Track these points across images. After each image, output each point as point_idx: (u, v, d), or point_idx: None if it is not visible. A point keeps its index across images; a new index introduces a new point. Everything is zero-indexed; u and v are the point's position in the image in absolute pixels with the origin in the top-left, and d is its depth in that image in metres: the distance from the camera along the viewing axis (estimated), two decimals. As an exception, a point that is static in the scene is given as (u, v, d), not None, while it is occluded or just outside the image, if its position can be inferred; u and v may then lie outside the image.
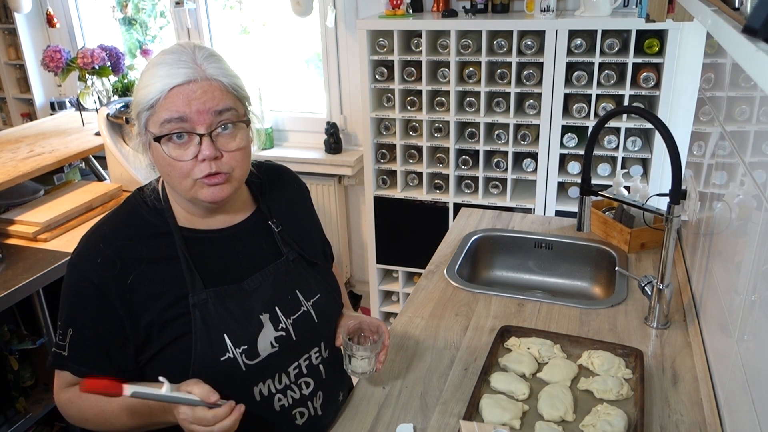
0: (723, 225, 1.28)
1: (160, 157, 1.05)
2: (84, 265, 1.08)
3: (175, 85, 1.00)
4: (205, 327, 1.07)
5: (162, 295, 1.07)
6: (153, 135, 1.03)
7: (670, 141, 1.33)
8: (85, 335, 1.08)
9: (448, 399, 1.27)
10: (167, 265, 1.09)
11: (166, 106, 1.01)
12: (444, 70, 2.65)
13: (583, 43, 2.45)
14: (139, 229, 1.11)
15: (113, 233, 1.10)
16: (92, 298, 1.06)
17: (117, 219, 1.14)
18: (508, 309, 1.59)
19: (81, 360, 1.09)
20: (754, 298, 1.00)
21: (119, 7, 3.67)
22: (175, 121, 1.01)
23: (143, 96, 1.02)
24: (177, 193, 1.10)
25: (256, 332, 1.11)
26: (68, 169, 2.87)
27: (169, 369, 1.05)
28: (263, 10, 3.55)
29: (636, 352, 1.33)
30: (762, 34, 0.59)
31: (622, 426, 1.14)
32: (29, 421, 2.08)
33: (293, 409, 1.17)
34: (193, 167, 1.04)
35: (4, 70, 3.88)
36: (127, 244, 1.08)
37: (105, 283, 1.06)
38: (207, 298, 1.08)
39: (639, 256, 1.82)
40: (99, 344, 1.08)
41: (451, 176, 2.82)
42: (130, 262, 1.07)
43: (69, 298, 1.10)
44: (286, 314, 1.16)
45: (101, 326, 1.07)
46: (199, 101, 1.01)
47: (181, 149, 1.03)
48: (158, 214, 1.12)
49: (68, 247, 2.12)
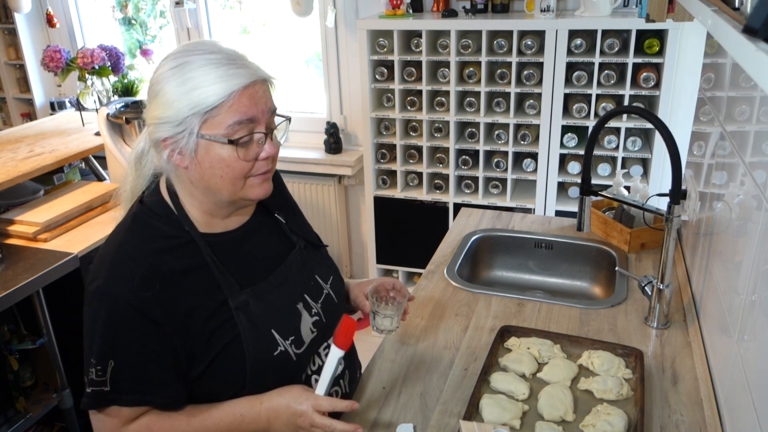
0: (723, 225, 1.28)
1: (217, 160, 1.02)
2: (117, 288, 1.01)
3: (244, 85, 1.00)
4: (252, 327, 1.08)
5: (202, 305, 1.05)
6: (216, 136, 1.00)
7: (670, 141, 1.33)
8: (131, 364, 1.02)
9: (448, 399, 1.27)
10: (199, 273, 1.06)
11: (236, 107, 1.00)
12: (444, 70, 2.65)
13: (583, 43, 2.45)
14: (162, 242, 1.06)
15: (138, 250, 1.05)
16: (134, 322, 1.00)
17: (135, 235, 1.07)
18: (508, 309, 1.59)
19: (131, 389, 1.02)
20: (754, 298, 1.00)
21: (119, 7, 3.67)
22: (245, 123, 1.01)
23: (197, 97, 0.99)
24: (217, 195, 1.07)
25: (298, 321, 1.15)
26: (68, 169, 2.87)
27: (225, 377, 1.07)
28: (263, 10, 3.55)
29: (636, 352, 1.33)
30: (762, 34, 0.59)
31: (622, 426, 1.14)
32: (29, 421, 2.08)
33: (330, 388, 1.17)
34: (252, 166, 1.05)
35: (4, 70, 3.88)
36: (156, 259, 1.04)
37: (145, 303, 1.00)
38: (247, 299, 1.09)
39: (639, 256, 1.82)
40: (149, 368, 1.02)
41: (451, 176, 2.82)
42: (165, 276, 1.03)
43: (103, 328, 1.01)
44: (315, 299, 1.20)
45: (149, 349, 1.02)
46: (261, 101, 1.03)
47: (245, 149, 1.03)
48: (174, 223, 1.08)
49: (68, 247, 2.12)
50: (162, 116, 1.01)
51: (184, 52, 1.04)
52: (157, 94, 1.02)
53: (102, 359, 1.01)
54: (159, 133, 1.03)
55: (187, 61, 1.02)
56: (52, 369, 2.11)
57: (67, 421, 2.19)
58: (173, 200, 1.10)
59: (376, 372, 1.37)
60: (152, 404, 1.04)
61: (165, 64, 1.05)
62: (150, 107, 1.04)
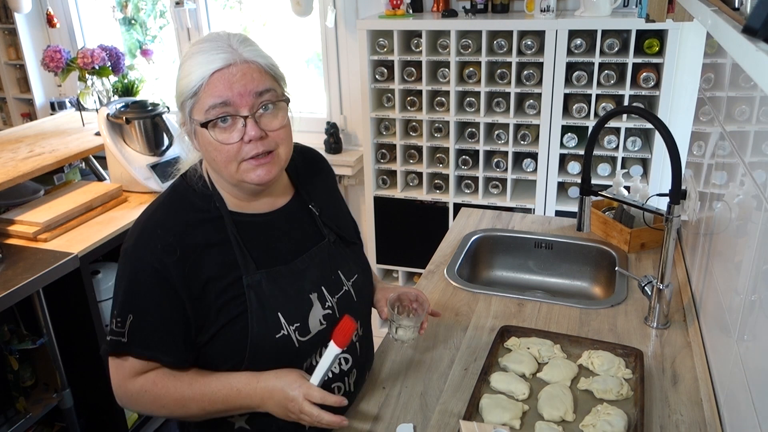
0: (723, 225, 1.28)
1: (206, 143, 1.07)
2: (143, 251, 1.08)
3: (216, 69, 1.03)
4: (261, 306, 1.11)
5: (218, 278, 1.10)
6: (198, 122, 1.06)
7: (670, 141, 1.33)
8: (147, 320, 1.08)
9: (448, 399, 1.27)
10: (221, 249, 1.11)
11: (209, 91, 1.04)
12: (444, 70, 2.65)
13: (583, 43, 2.45)
14: (193, 215, 1.12)
15: (169, 219, 1.12)
16: (154, 283, 1.07)
17: (170, 205, 1.15)
18: (508, 309, 1.59)
19: (144, 344, 1.09)
20: (754, 298, 1.00)
21: (119, 7, 3.67)
22: (219, 106, 1.04)
23: (185, 85, 1.05)
24: (223, 178, 1.12)
25: (307, 310, 1.16)
26: (68, 169, 2.87)
27: (227, 348, 1.11)
28: (263, 10, 3.55)
29: (636, 352, 1.33)
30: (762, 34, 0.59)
31: (622, 426, 1.14)
32: (29, 421, 2.08)
33: (332, 383, 1.21)
34: (239, 149, 1.06)
35: (4, 70, 3.88)
36: (183, 230, 1.10)
37: (166, 268, 1.07)
38: (261, 279, 1.12)
39: (639, 256, 1.82)
40: (162, 328, 1.09)
41: (451, 176, 2.82)
42: (189, 247, 1.09)
43: (127, 284, 1.09)
44: (332, 293, 1.21)
45: (164, 310, 1.08)
46: (239, 84, 1.04)
47: (227, 132, 1.06)
48: (207, 199, 1.14)
49: (68, 247, 2.12)
50: (176, 103, 1.10)
51: (193, 44, 1.09)
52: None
53: (123, 312, 1.09)
54: (178, 117, 1.12)
55: (188, 53, 1.08)
56: (52, 369, 2.11)
57: (67, 421, 2.19)
58: (209, 177, 1.16)
59: (376, 372, 1.37)
60: (161, 362, 1.11)
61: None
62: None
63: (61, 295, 2.15)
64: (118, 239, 2.26)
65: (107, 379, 1.16)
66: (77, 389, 2.20)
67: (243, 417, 1.17)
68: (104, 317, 2.27)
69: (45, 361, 2.12)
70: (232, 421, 1.18)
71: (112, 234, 2.23)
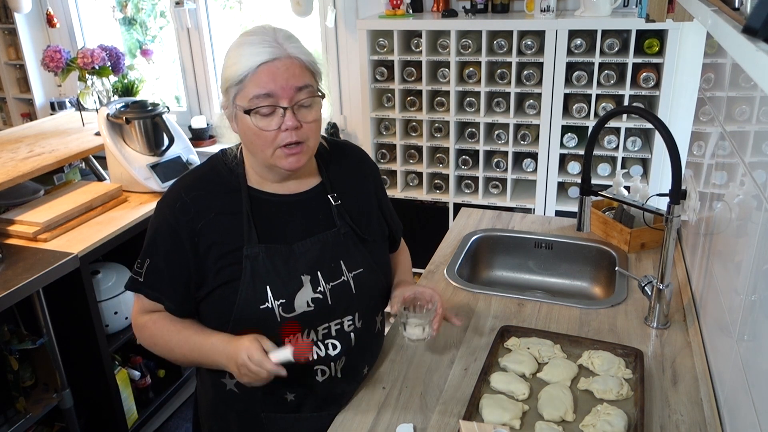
0: (723, 225, 1.28)
1: (246, 128, 1.16)
2: (165, 207, 1.23)
3: (262, 62, 1.11)
4: (252, 277, 1.19)
5: (222, 243, 1.20)
6: (242, 108, 1.14)
7: (670, 141, 1.33)
8: (159, 267, 1.22)
9: (448, 399, 1.27)
10: (232, 218, 1.21)
11: (255, 82, 1.12)
12: (444, 70, 2.65)
13: (583, 43, 2.45)
14: (215, 185, 1.24)
15: (193, 184, 1.25)
16: (168, 236, 1.21)
17: (199, 173, 1.28)
18: (508, 309, 1.59)
19: (153, 286, 1.23)
20: (754, 298, 1.00)
21: (119, 7, 3.67)
22: (262, 97, 1.13)
23: (232, 73, 1.13)
24: (256, 159, 1.21)
25: (295, 290, 1.22)
26: (68, 169, 2.87)
27: (217, 308, 1.23)
28: (263, 10, 3.55)
29: (636, 352, 1.33)
30: (762, 34, 0.59)
31: (622, 426, 1.14)
32: (29, 421, 2.08)
33: (315, 365, 1.26)
34: (276, 136, 1.15)
35: (4, 70, 3.88)
36: (202, 195, 1.22)
37: (180, 225, 1.20)
38: (259, 252, 1.20)
39: (639, 256, 1.82)
40: (169, 276, 1.22)
41: (451, 176, 2.82)
42: (203, 211, 1.21)
43: (151, 233, 1.24)
44: (326, 280, 1.25)
45: (172, 261, 1.21)
46: (282, 77, 1.12)
47: (266, 120, 1.15)
48: (233, 173, 1.25)
49: (68, 247, 2.12)
50: (220, 87, 1.19)
51: (241, 36, 1.17)
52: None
53: (144, 256, 1.24)
54: (221, 100, 1.20)
55: (236, 43, 1.17)
56: (52, 369, 2.11)
57: (67, 421, 2.19)
58: (241, 157, 1.26)
59: (376, 372, 1.37)
60: (164, 305, 1.24)
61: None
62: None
63: (61, 295, 2.15)
64: (118, 239, 2.26)
65: (107, 379, 1.18)
66: (77, 389, 2.20)
67: (232, 380, 1.26)
68: (104, 317, 2.27)
69: (45, 361, 2.12)
70: (225, 382, 1.28)
71: (112, 234, 2.23)
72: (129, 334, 2.36)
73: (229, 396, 1.29)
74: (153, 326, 1.26)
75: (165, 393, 2.62)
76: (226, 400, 1.30)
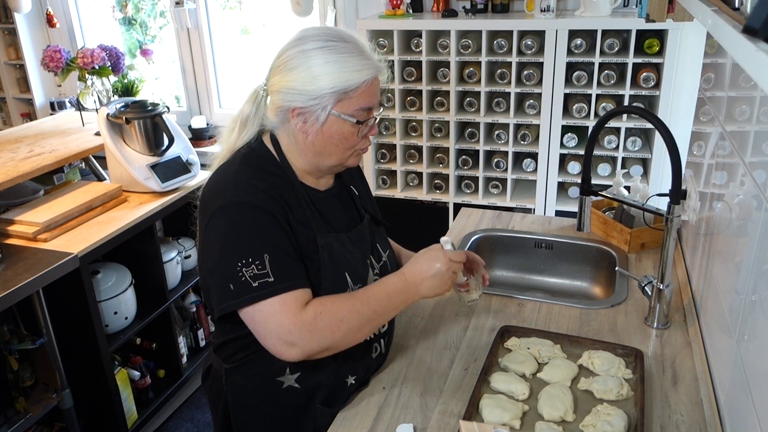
0: (723, 225, 1.28)
1: (333, 132, 1.18)
2: (247, 197, 1.14)
3: (373, 77, 1.18)
4: (332, 265, 1.21)
5: (298, 233, 1.18)
6: (342, 114, 1.16)
7: (670, 141, 1.33)
8: (279, 254, 1.13)
9: (448, 399, 1.27)
10: (299, 209, 1.20)
11: (366, 94, 1.18)
12: (444, 70, 2.65)
13: (583, 43, 2.45)
14: (273, 178, 1.19)
15: (257, 176, 1.18)
16: (270, 222, 1.14)
17: (251, 167, 1.20)
18: (508, 309, 1.59)
19: (288, 275, 1.13)
20: (754, 298, 1.00)
21: (119, 7, 3.67)
22: (367, 110, 1.20)
23: (344, 80, 1.14)
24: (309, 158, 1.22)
25: (366, 273, 1.28)
26: (68, 169, 2.87)
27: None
28: (263, 10, 3.55)
29: (636, 352, 1.33)
30: (762, 34, 0.58)
31: (622, 426, 1.14)
32: (29, 421, 2.08)
33: (373, 342, 1.32)
34: (358, 142, 1.22)
35: (4, 70, 3.88)
36: (272, 185, 1.17)
37: (272, 209, 1.14)
38: (332, 241, 1.22)
39: (639, 256, 1.82)
40: (291, 257, 1.15)
41: (451, 176, 2.82)
42: (283, 195, 1.18)
43: (247, 231, 1.12)
44: (377, 261, 1.34)
45: (286, 242, 1.15)
46: (378, 93, 1.22)
47: (356, 128, 1.20)
48: (279, 167, 1.23)
49: (68, 247, 2.12)
50: (299, 88, 1.15)
51: (326, 36, 1.17)
52: (296, 67, 1.15)
53: (257, 255, 1.11)
54: (290, 102, 1.17)
55: (330, 45, 1.15)
56: (52, 369, 2.11)
57: (67, 421, 2.19)
58: (277, 151, 1.24)
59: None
60: (303, 287, 1.15)
61: (306, 43, 1.16)
62: (283, 78, 1.17)
63: (61, 295, 2.15)
64: (118, 239, 2.26)
65: (107, 379, 1.16)
66: (77, 389, 2.20)
67: (293, 375, 1.23)
68: (104, 317, 2.27)
69: (45, 361, 2.12)
70: (282, 380, 1.24)
71: (112, 234, 2.23)
72: (129, 334, 2.36)
73: (285, 393, 1.25)
74: (329, 305, 1.15)
75: (165, 393, 2.62)
76: (280, 398, 1.25)
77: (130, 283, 2.38)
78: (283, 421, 1.27)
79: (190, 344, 2.81)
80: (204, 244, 1.17)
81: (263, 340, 1.14)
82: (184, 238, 2.79)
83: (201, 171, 2.72)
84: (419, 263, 1.22)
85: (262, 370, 1.24)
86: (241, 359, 1.25)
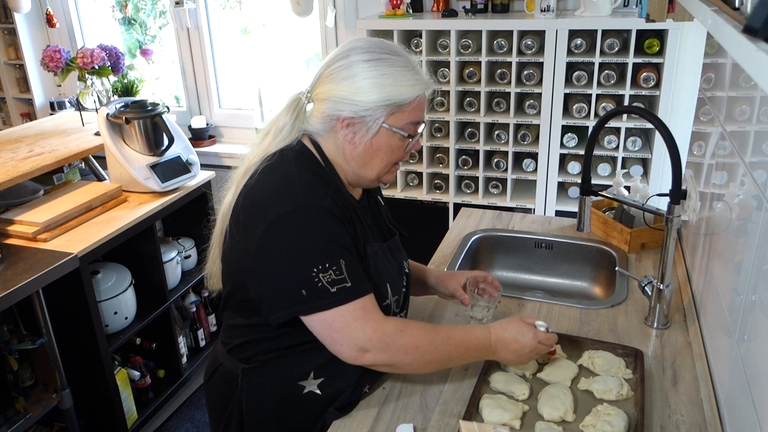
0: (723, 225, 1.28)
1: (381, 144, 1.19)
2: (316, 202, 1.12)
3: (425, 92, 1.20)
4: (377, 274, 1.21)
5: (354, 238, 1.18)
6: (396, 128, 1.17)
7: (670, 141, 1.33)
8: (352, 259, 1.13)
9: (448, 399, 1.27)
10: (350, 217, 1.19)
11: (416, 110, 1.19)
12: (444, 70, 2.65)
13: (583, 43, 2.45)
14: (327, 186, 1.17)
15: (315, 182, 1.16)
16: (340, 226, 1.13)
17: (311, 172, 1.18)
18: (508, 309, 1.58)
19: (361, 281, 1.13)
20: (754, 298, 1.00)
21: (119, 7, 3.67)
22: (418, 124, 1.21)
23: (399, 94, 1.15)
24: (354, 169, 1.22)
25: (402, 285, 1.29)
26: (68, 169, 2.87)
27: None
28: (263, 10, 3.55)
29: (636, 352, 1.33)
30: (762, 34, 0.58)
31: (622, 426, 1.14)
32: (29, 421, 2.08)
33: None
34: (401, 156, 1.23)
35: (3, 70, 3.88)
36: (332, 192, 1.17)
37: (341, 214, 1.14)
38: (377, 250, 1.23)
39: (639, 256, 1.82)
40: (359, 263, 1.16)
41: (451, 176, 2.82)
42: (345, 204, 1.19)
43: (319, 235, 1.11)
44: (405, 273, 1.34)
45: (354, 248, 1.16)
46: (425, 108, 1.23)
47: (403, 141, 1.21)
48: (327, 175, 1.21)
49: (68, 247, 2.12)
50: (351, 98, 1.15)
51: (380, 49, 1.17)
52: (348, 77, 1.15)
53: (333, 260, 1.10)
54: (340, 111, 1.16)
55: (384, 58, 1.16)
56: (52, 369, 2.11)
57: (67, 422, 2.19)
58: (322, 157, 1.22)
59: (376, 371, 1.36)
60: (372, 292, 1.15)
61: (358, 54, 1.16)
62: (333, 87, 1.16)
63: (60, 295, 2.15)
64: (118, 239, 2.26)
65: (107, 379, 1.15)
66: (77, 389, 2.20)
67: (316, 381, 1.22)
68: (104, 317, 2.27)
69: (45, 361, 2.12)
70: (303, 384, 1.23)
71: (111, 234, 2.23)
72: (129, 334, 2.36)
73: (305, 398, 1.24)
74: (410, 327, 1.16)
75: (165, 393, 2.62)
76: (299, 402, 1.24)
77: (130, 283, 2.38)
78: (296, 425, 1.26)
79: (190, 344, 2.81)
80: (262, 248, 1.12)
81: (337, 346, 1.12)
82: (184, 238, 2.79)
83: (201, 171, 2.72)
84: (509, 330, 1.22)
85: (284, 373, 1.23)
86: (262, 361, 1.24)
